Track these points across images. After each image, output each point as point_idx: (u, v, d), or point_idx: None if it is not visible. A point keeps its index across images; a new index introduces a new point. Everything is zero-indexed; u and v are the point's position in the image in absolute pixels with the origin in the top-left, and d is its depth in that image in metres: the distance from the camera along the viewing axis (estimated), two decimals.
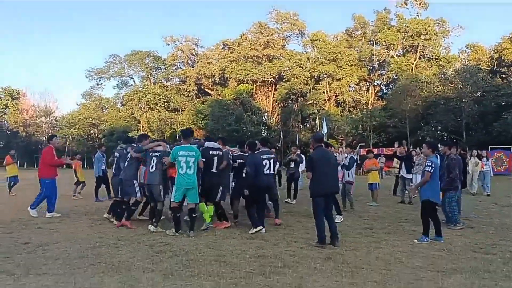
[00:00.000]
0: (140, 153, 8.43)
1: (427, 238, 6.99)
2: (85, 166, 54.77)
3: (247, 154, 8.48)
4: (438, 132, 40.98)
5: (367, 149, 19.17)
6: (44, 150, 10.45)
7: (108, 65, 58.01)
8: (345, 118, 47.47)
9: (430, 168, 6.95)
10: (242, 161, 8.65)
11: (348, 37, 54.42)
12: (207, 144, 8.46)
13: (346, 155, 11.55)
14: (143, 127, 52.95)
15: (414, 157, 12.68)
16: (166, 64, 57.97)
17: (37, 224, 8.75)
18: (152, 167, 8.06)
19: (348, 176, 11.13)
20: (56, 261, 5.71)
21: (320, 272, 5.11)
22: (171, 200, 7.67)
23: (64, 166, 19.52)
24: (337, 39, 54.61)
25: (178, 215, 7.56)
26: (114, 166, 9.34)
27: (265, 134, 49.15)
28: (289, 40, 58.54)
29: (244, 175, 8.46)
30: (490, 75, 41.00)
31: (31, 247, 6.54)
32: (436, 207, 10.00)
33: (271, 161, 8.34)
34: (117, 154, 9.38)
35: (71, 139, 57.08)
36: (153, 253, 6.10)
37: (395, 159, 16.39)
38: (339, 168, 10.43)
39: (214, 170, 8.11)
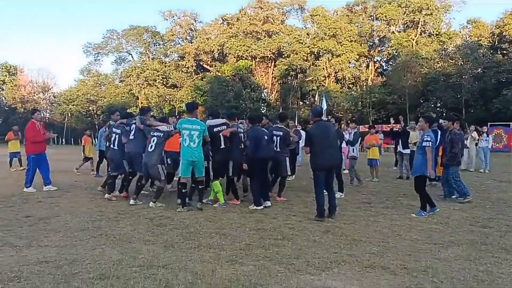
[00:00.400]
0: (143, 125, 8.37)
1: (424, 212, 7.06)
2: (79, 142, 55.02)
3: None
4: (438, 108, 40.85)
5: (368, 125, 19.05)
6: (27, 126, 10.18)
7: (106, 41, 57.32)
8: (344, 95, 47.19)
9: (430, 143, 6.95)
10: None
11: (348, 12, 53.60)
12: (209, 122, 8.29)
13: (351, 130, 11.58)
14: (141, 103, 52.58)
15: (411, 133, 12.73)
16: (165, 40, 57.26)
17: (37, 198, 8.80)
18: (151, 147, 7.93)
19: (353, 152, 11.17)
20: (57, 233, 5.77)
21: (319, 244, 5.18)
22: (179, 175, 7.68)
23: (67, 142, 19.52)
24: (337, 14, 53.83)
25: (184, 190, 7.52)
26: (113, 141, 9.03)
27: (264, 110, 48.99)
28: (288, 16, 57.81)
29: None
30: (491, 51, 40.63)
31: (32, 220, 6.59)
32: (434, 182, 10.18)
33: (278, 138, 8.44)
34: (118, 131, 8.93)
35: (69, 115, 56.95)
36: (154, 226, 6.17)
37: None
38: (344, 144, 10.54)
39: (222, 146, 7.98)
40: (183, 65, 54.86)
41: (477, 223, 6.56)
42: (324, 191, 6.78)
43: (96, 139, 15.27)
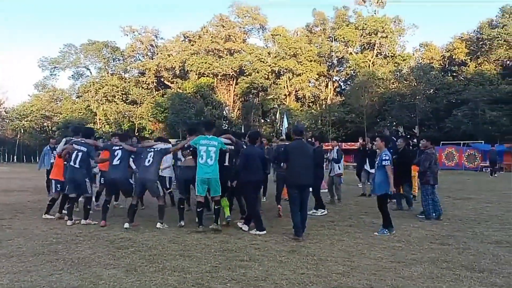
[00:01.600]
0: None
1: (386, 230, 7.19)
2: (37, 160, 52.71)
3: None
4: (393, 128, 42.26)
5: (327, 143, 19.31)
6: None
7: (63, 55, 55.74)
8: (304, 113, 48.12)
9: (389, 161, 7.15)
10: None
11: (308, 32, 55.06)
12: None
13: (332, 148, 11.68)
14: (100, 119, 51.42)
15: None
16: (125, 56, 56.43)
17: None
18: (148, 161, 7.75)
19: (339, 169, 11.27)
20: (10, 258, 5.42)
21: (285, 265, 5.14)
22: (196, 194, 7.32)
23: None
24: (297, 34, 55.13)
25: (200, 209, 7.34)
26: (75, 159, 8.18)
27: (226, 128, 49.02)
28: (250, 34, 58.72)
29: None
30: (442, 73, 42.71)
31: None
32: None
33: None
34: (83, 148, 8.22)
35: (22, 131, 54.60)
36: (114, 249, 5.92)
37: None
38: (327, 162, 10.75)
39: (226, 163, 7.82)
40: (143, 81, 54.24)
41: (436, 240, 6.74)
42: None
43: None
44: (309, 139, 11.30)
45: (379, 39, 47.46)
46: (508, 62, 40.30)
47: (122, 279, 4.52)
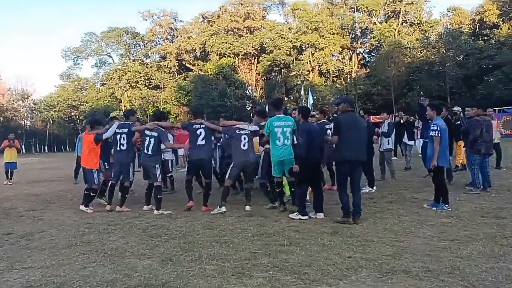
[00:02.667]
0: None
1: (446, 205, 6.75)
2: (68, 149, 53.89)
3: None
4: (422, 97, 40.91)
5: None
6: None
7: (84, 44, 56.14)
8: (329, 88, 47.15)
9: (437, 132, 6.64)
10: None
11: (329, 5, 53.55)
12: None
13: (384, 122, 11.12)
14: (124, 106, 51.71)
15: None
16: (145, 41, 56.37)
17: (19, 212, 8.26)
18: (147, 148, 7.61)
19: (388, 144, 10.65)
20: (42, 252, 5.27)
21: (329, 248, 4.78)
22: (274, 174, 7.08)
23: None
24: (318, 8, 53.69)
25: (278, 190, 7.24)
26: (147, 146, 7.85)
27: (249, 107, 48.61)
28: (269, 11, 57.60)
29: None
30: (473, 38, 40.84)
31: (13, 237, 6.06)
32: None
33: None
34: (154, 134, 7.87)
35: (51, 122, 55.66)
36: (148, 237, 5.69)
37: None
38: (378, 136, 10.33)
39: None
40: (165, 65, 54.13)
41: (488, 214, 6.25)
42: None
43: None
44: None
45: (404, 6, 45.66)
46: None
47: (157, 270, 4.27)
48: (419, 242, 4.91)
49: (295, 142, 6.91)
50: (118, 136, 7.86)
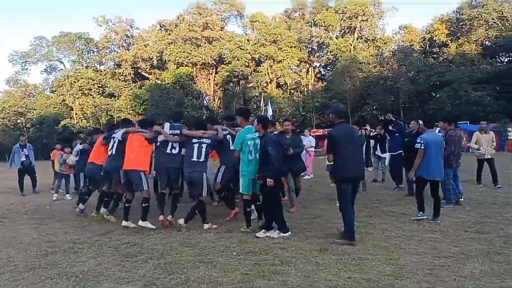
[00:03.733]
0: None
1: (421, 213, 6.75)
2: (6, 159, 50.73)
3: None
4: (375, 112, 42.06)
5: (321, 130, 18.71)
6: None
7: (34, 48, 53.32)
8: (287, 100, 47.55)
9: (421, 145, 6.64)
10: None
11: (287, 18, 54.23)
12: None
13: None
14: (76, 114, 49.59)
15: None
16: (99, 47, 54.39)
17: None
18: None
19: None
20: (1, 275, 4.65)
21: (325, 268, 4.51)
22: (241, 191, 6.44)
23: None
24: (275, 21, 54.22)
25: (249, 209, 6.59)
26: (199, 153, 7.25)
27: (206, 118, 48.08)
28: (228, 22, 57.42)
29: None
30: (423, 55, 42.60)
31: None
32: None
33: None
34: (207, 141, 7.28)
35: None
36: (122, 257, 5.18)
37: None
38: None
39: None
40: (120, 73, 52.50)
41: (470, 228, 6.25)
42: None
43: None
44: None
45: (360, 22, 47.00)
46: (488, 42, 40.40)
47: None
48: (414, 260, 4.75)
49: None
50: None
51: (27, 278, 4.52)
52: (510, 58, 39.88)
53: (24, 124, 52.41)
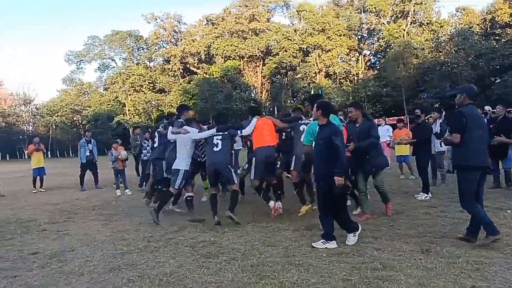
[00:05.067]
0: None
1: None
2: (71, 154, 52.99)
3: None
4: (434, 99, 40.12)
5: (396, 118, 17.61)
6: None
7: (87, 48, 55.40)
8: (336, 90, 46.36)
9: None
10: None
11: (335, 6, 52.93)
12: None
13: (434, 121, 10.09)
14: (129, 110, 50.98)
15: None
16: (149, 44, 55.64)
17: (40, 225, 7.39)
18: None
19: (441, 146, 9.59)
20: (81, 277, 4.41)
21: (438, 274, 3.89)
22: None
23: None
24: (323, 9, 52.99)
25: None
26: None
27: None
28: (274, 13, 57.02)
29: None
30: (484, 38, 40.03)
31: (42, 258, 5.19)
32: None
33: None
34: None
35: (54, 127, 54.84)
36: (203, 258, 4.81)
37: None
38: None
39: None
40: (169, 68, 53.38)
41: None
42: None
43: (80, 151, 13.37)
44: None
45: (413, 6, 44.90)
46: None
47: None
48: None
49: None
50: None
51: (108, 280, 4.24)
52: None
53: (80, 121, 54.55)
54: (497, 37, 40.63)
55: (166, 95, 51.26)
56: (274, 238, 5.53)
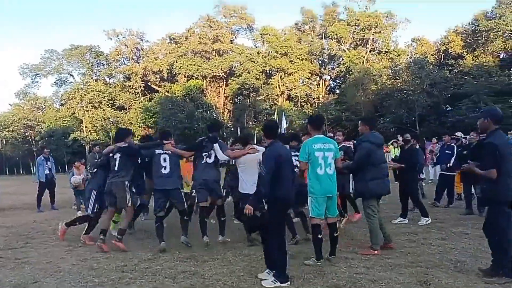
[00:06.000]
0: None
1: None
2: (22, 171, 50.24)
3: None
4: (390, 125, 41.26)
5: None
6: None
7: (44, 61, 53.17)
8: (297, 113, 46.99)
9: None
10: None
11: (297, 31, 54.01)
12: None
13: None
14: (86, 127, 49.17)
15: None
16: (109, 60, 54.19)
17: None
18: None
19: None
20: None
21: None
22: (311, 215, 5.52)
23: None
24: (285, 33, 53.98)
25: (319, 236, 5.44)
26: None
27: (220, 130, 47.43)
28: (237, 35, 57.28)
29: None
30: (438, 67, 41.97)
31: None
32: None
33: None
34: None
35: (4, 142, 51.97)
36: None
37: None
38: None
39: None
40: (130, 86, 52.17)
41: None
42: None
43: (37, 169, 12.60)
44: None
45: (372, 34, 46.60)
46: (505, 54, 39.77)
47: None
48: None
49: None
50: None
51: None
52: None
53: (33, 137, 52.01)
54: (450, 68, 42.71)
55: (126, 113, 49.97)
56: (259, 268, 5.22)
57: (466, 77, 38.27)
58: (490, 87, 35.02)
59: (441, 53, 44.88)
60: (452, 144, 9.64)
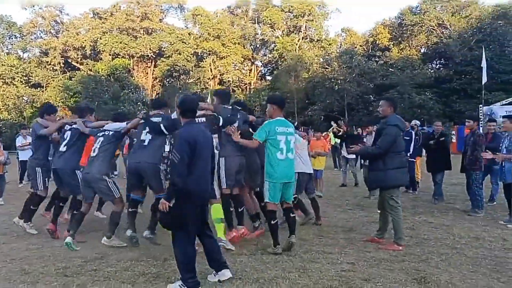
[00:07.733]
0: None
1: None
2: None
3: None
4: (323, 112, 42.04)
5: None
6: None
7: None
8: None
9: None
10: None
11: (229, 14, 52.99)
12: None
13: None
14: None
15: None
16: (23, 32, 49.26)
17: None
18: (93, 151, 5.66)
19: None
20: None
21: None
22: (266, 200, 5.13)
23: None
24: (217, 16, 52.73)
25: (274, 222, 5.10)
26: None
27: (145, 112, 45.38)
28: (168, 14, 54.97)
29: None
30: (367, 58, 43.37)
31: None
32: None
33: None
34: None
35: None
36: None
37: None
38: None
39: None
40: (47, 62, 47.89)
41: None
42: None
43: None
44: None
45: (306, 22, 46.96)
46: (426, 49, 42.08)
47: None
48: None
49: None
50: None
51: None
52: (447, 63, 41.30)
53: None
54: (377, 59, 44.34)
55: (43, 91, 45.90)
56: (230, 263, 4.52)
57: (391, 69, 39.99)
58: (413, 79, 36.88)
59: (369, 45, 46.38)
60: (410, 130, 9.55)
